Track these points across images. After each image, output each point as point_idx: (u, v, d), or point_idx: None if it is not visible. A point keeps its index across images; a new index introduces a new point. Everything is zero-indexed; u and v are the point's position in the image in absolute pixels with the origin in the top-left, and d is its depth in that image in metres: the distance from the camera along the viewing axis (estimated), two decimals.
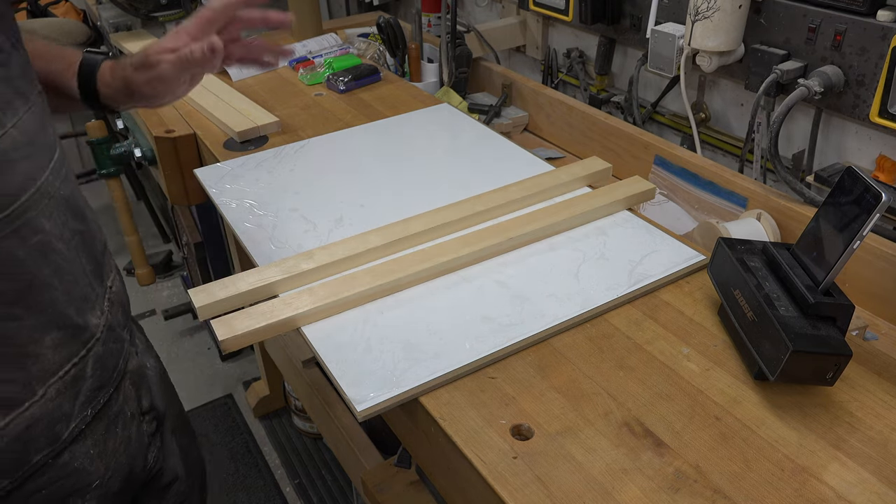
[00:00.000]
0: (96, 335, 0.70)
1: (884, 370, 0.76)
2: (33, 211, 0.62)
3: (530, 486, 0.64)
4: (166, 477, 0.85)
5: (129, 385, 0.77)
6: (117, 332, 0.75)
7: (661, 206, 1.30)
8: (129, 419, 0.76)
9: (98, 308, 0.71)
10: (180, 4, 1.91)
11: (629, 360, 0.78)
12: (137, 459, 0.78)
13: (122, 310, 0.78)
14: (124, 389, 0.76)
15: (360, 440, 1.44)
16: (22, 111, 0.62)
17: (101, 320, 0.71)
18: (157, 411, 0.83)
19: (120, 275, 0.80)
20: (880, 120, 1.06)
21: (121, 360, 0.75)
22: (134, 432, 0.77)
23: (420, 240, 0.95)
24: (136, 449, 0.78)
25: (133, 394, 0.78)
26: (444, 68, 1.61)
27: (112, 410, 0.73)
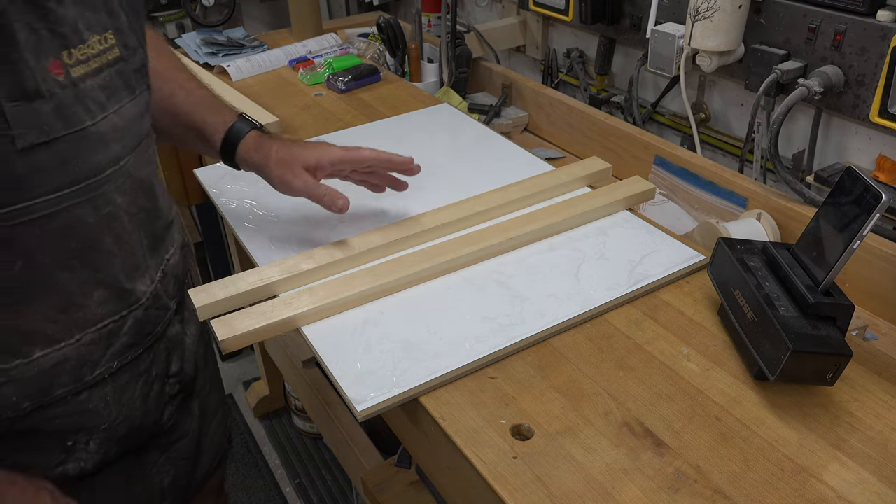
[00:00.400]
0: (141, 300, 0.78)
1: (884, 370, 0.76)
2: (111, 185, 0.71)
3: (530, 486, 0.64)
4: (176, 434, 0.91)
5: (163, 349, 0.84)
6: (164, 300, 0.83)
7: (661, 206, 1.30)
8: (153, 378, 0.83)
9: (148, 277, 0.79)
10: (180, 4, 1.92)
11: (629, 360, 0.78)
12: (151, 415, 0.84)
13: (175, 281, 0.86)
14: (157, 352, 0.83)
15: (360, 440, 1.44)
16: (126, 100, 0.71)
17: (148, 288, 0.79)
18: (183, 375, 0.89)
19: (184, 249, 0.90)
20: (880, 120, 1.06)
21: (159, 326, 0.82)
22: (155, 391, 0.84)
23: (420, 240, 0.95)
24: (154, 405, 0.84)
25: (164, 357, 0.84)
26: (444, 68, 1.61)
27: (139, 368, 0.80)
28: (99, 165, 0.69)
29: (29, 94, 0.61)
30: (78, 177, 0.67)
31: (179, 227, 0.90)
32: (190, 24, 2.14)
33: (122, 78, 0.70)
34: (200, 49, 1.65)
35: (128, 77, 0.71)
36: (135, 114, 0.73)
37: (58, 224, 0.67)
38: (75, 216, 0.68)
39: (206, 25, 2.08)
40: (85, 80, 0.65)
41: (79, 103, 0.65)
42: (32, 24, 0.61)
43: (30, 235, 0.65)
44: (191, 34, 1.73)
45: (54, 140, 0.63)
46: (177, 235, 0.88)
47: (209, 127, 0.91)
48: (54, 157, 0.64)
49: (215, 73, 1.57)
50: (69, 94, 0.64)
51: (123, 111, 0.71)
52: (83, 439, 0.77)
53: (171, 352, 0.86)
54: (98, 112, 0.67)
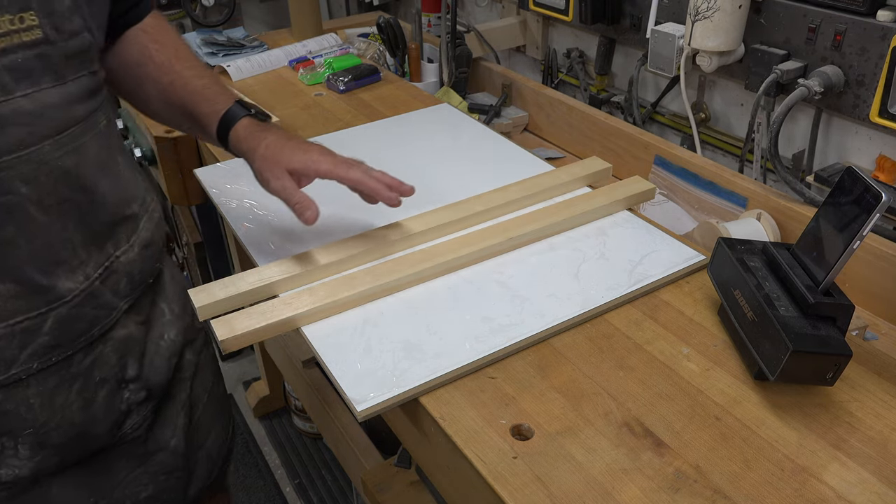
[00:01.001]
0: (65, 298, 0.73)
1: (884, 370, 0.76)
2: (11, 172, 0.66)
3: (530, 486, 0.64)
4: (150, 445, 0.87)
5: (110, 352, 0.80)
6: (105, 299, 0.78)
7: (661, 206, 1.30)
8: (96, 383, 0.79)
9: (80, 273, 0.74)
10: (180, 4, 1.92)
11: (629, 360, 0.78)
12: (101, 423, 0.80)
13: (129, 280, 0.81)
14: (99, 355, 0.78)
15: (360, 440, 1.44)
16: (46, 85, 0.67)
17: (79, 285, 0.74)
18: (147, 381, 0.85)
19: (149, 249, 0.84)
20: (880, 120, 1.06)
21: (97, 327, 0.77)
22: (102, 396, 0.79)
23: (420, 240, 0.95)
24: (101, 413, 0.80)
25: (114, 360, 0.80)
26: (444, 68, 1.61)
27: (71, 370, 0.76)
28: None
29: None
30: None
31: (152, 225, 0.86)
32: (190, 24, 2.14)
33: (42, 61, 0.66)
34: (200, 49, 1.65)
35: (53, 61, 0.67)
36: (58, 100, 0.68)
37: None
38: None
39: (206, 25, 2.08)
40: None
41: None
42: None
43: None
44: (191, 34, 1.73)
45: None
46: (142, 233, 0.83)
47: (204, 118, 0.88)
48: None
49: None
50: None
51: (39, 96, 0.66)
52: (9, 443, 0.74)
53: (124, 355, 0.81)
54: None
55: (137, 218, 0.83)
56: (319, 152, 0.86)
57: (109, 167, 0.78)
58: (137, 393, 0.84)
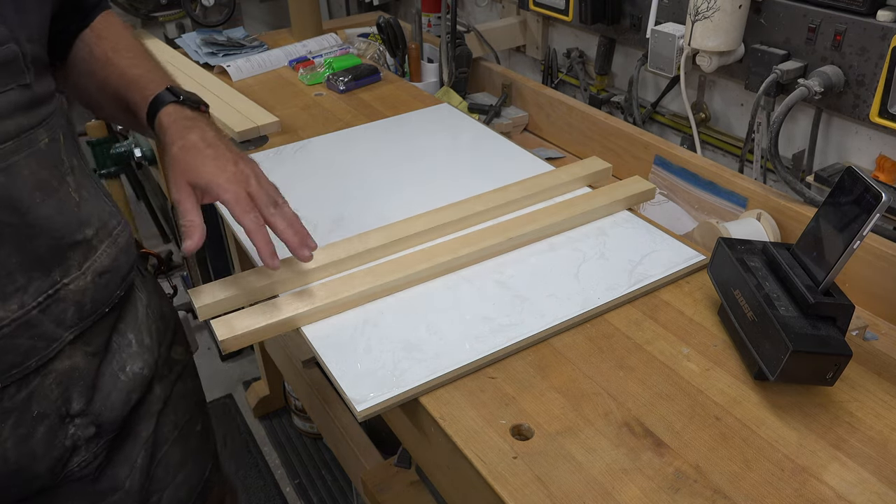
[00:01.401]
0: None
1: (884, 370, 0.76)
2: None
3: (530, 486, 0.64)
4: (102, 484, 0.81)
5: (51, 384, 0.73)
6: (44, 329, 0.71)
7: (661, 206, 1.30)
8: (33, 418, 0.72)
9: (14, 301, 0.68)
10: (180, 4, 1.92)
11: (629, 360, 0.78)
12: (40, 461, 0.74)
13: (78, 310, 0.74)
14: (37, 388, 0.72)
15: (360, 440, 1.44)
16: None
17: (10, 314, 0.68)
18: (97, 416, 0.78)
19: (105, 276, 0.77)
20: (880, 120, 1.06)
21: (33, 359, 0.71)
22: (41, 432, 0.73)
23: (420, 240, 0.95)
24: (42, 449, 0.74)
25: (55, 394, 0.74)
26: (444, 68, 1.61)
27: (2, 405, 0.70)
28: None
29: None
30: None
31: (115, 251, 0.78)
32: (190, 24, 2.14)
33: None
34: (200, 49, 1.65)
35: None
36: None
37: None
38: None
39: (206, 25, 2.08)
40: None
41: None
42: None
43: None
44: (191, 34, 1.73)
45: None
46: (100, 259, 0.76)
47: (135, 105, 0.82)
48: None
49: (215, 73, 1.57)
50: None
51: None
52: None
53: (68, 388, 0.74)
54: None
55: (92, 244, 0.75)
56: (231, 176, 0.77)
57: (53, 189, 0.71)
58: (85, 429, 0.77)
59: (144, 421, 0.85)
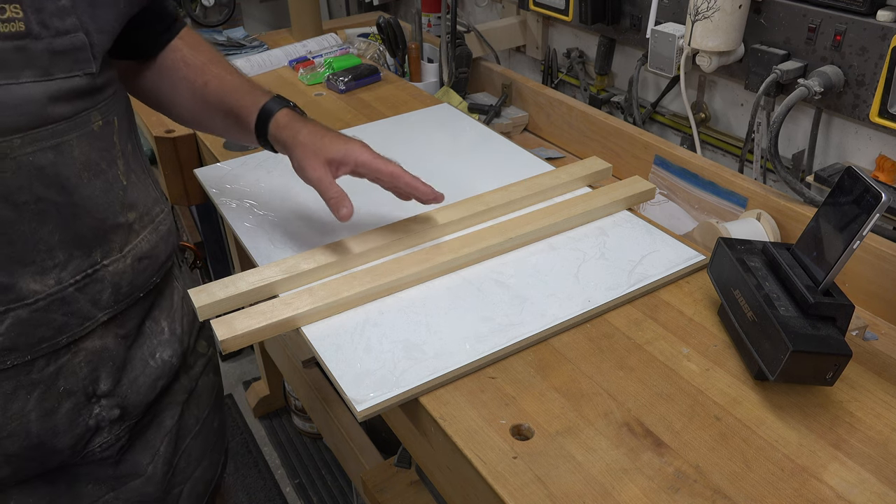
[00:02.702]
0: (28, 299, 0.70)
1: (884, 370, 0.76)
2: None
3: (530, 486, 0.64)
4: (123, 468, 0.83)
5: (81, 362, 0.76)
6: (79, 307, 0.74)
7: (661, 206, 1.30)
8: (59, 393, 0.75)
9: (51, 276, 0.71)
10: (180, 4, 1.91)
11: (629, 360, 0.78)
12: (62, 436, 0.76)
13: (114, 291, 0.77)
14: (68, 365, 0.75)
15: (360, 440, 1.44)
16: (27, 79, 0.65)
17: (48, 289, 0.71)
18: (123, 399, 0.80)
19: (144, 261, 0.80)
20: (880, 120, 1.06)
21: (64, 335, 0.73)
22: (66, 408, 0.75)
23: (420, 240, 0.95)
24: (64, 425, 0.76)
25: (84, 372, 0.76)
26: (444, 68, 1.61)
27: (29, 377, 0.72)
28: None
29: None
30: None
31: (156, 238, 0.82)
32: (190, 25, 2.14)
33: (22, 54, 0.64)
34: None
35: (35, 55, 0.65)
36: (37, 96, 0.66)
37: None
38: None
39: (206, 25, 2.08)
40: None
41: None
42: None
43: None
44: None
45: None
46: (141, 244, 0.80)
47: (243, 110, 0.88)
48: None
49: None
50: None
51: (15, 89, 0.64)
52: None
53: (97, 368, 0.77)
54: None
55: (134, 228, 0.79)
56: (360, 145, 0.87)
57: (102, 171, 0.74)
58: (110, 410, 0.79)
59: (169, 410, 0.88)
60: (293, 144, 0.85)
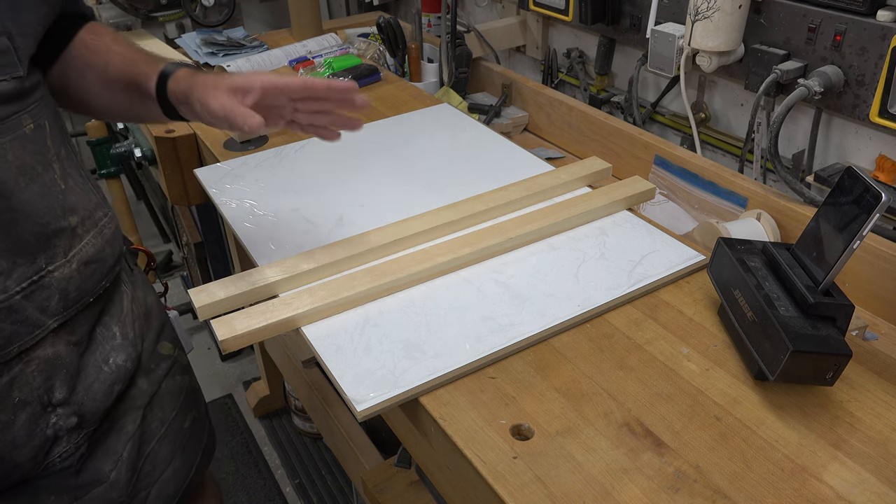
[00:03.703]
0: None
1: (884, 370, 0.76)
2: None
3: (530, 486, 0.64)
4: (85, 477, 0.81)
5: (34, 371, 0.74)
6: (27, 315, 0.72)
7: (661, 206, 1.30)
8: (15, 404, 0.73)
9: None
10: (180, 4, 1.91)
11: (629, 360, 0.78)
12: (22, 449, 0.75)
13: (62, 298, 0.75)
14: (19, 374, 0.73)
15: (360, 440, 1.44)
16: None
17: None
18: (77, 406, 0.79)
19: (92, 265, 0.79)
20: (880, 120, 1.06)
21: (15, 344, 0.72)
22: (23, 420, 0.74)
23: (420, 240, 0.95)
24: (23, 437, 0.74)
25: (38, 381, 0.75)
26: (444, 68, 1.61)
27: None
28: None
29: None
30: None
31: (100, 242, 0.80)
32: (190, 24, 2.13)
33: None
34: (200, 49, 1.65)
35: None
36: None
37: None
38: None
39: (206, 25, 2.08)
40: None
41: None
42: None
43: None
44: (191, 34, 1.73)
45: None
46: (86, 248, 0.78)
47: (142, 77, 0.83)
48: None
49: (215, 74, 1.57)
50: None
51: None
52: None
53: (51, 376, 0.75)
54: None
55: (77, 232, 0.77)
56: (262, 73, 0.82)
57: (38, 175, 0.73)
58: (67, 419, 0.78)
59: (129, 415, 0.86)
60: (191, 86, 0.79)
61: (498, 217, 1.00)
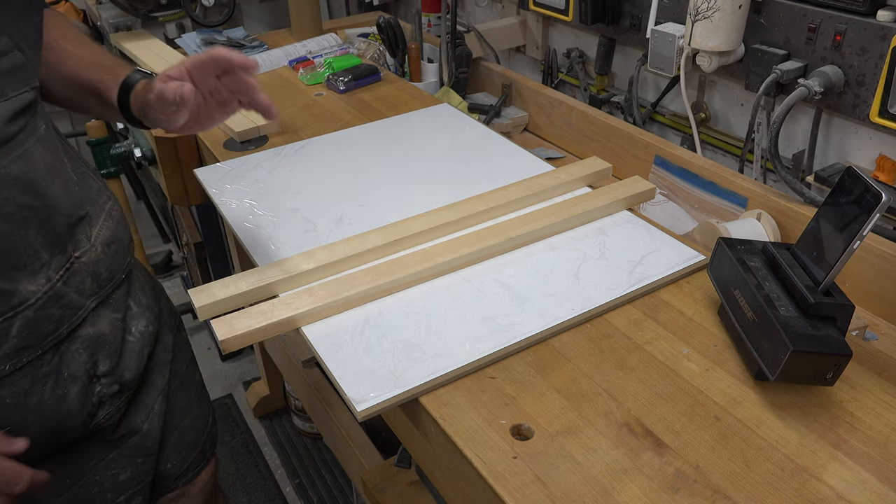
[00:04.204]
0: (29, 300, 0.75)
1: (884, 370, 0.76)
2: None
3: (530, 486, 0.64)
4: (122, 430, 0.91)
5: (80, 349, 0.82)
6: (69, 299, 0.80)
7: (661, 206, 1.30)
8: (65, 380, 0.81)
9: (42, 276, 0.77)
10: (180, 4, 1.91)
11: (629, 360, 0.78)
12: (75, 417, 0.83)
13: (95, 279, 0.83)
14: (67, 353, 0.81)
15: (360, 440, 1.44)
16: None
17: (41, 288, 0.76)
18: (119, 375, 0.88)
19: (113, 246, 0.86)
20: (880, 120, 1.06)
21: (64, 326, 0.79)
22: (75, 392, 0.82)
23: (420, 240, 0.95)
24: (76, 407, 0.83)
25: (84, 358, 0.83)
26: (444, 68, 1.61)
27: (42, 370, 0.78)
28: None
29: None
30: None
31: (112, 223, 0.87)
32: (190, 24, 2.13)
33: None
34: (200, 49, 1.65)
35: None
36: (2, 116, 0.71)
37: None
38: None
39: (206, 25, 2.07)
40: None
41: None
42: None
43: None
44: (191, 34, 1.73)
45: None
46: (103, 232, 0.85)
47: (102, 85, 0.86)
48: None
49: None
50: None
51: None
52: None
53: (95, 352, 0.84)
54: None
55: (92, 218, 0.84)
56: None
57: (58, 171, 0.80)
58: (110, 387, 0.87)
59: (158, 370, 0.96)
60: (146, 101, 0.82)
61: (498, 217, 1.00)
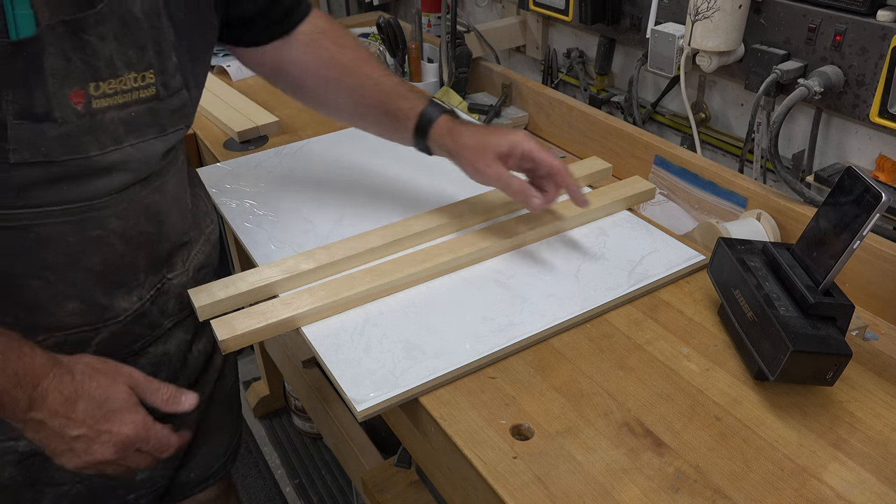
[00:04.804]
0: (119, 317, 0.78)
1: (884, 370, 0.76)
2: (106, 210, 0.72)
3: (530, 486, 0.64)
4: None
5: (145, 364, 0.84)
6: (153, 318, 0.83)
7: (661, 206, 1.30)
8: None
9: (135, 294, 0.79)
10: None
11: (629, 360, 0.78)
12: None
13: (178, 301, 0.86)
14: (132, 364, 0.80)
15: (360, 440, 1.44)
16: (151, 137, 0.71)
17: (132, 305, 0.79)
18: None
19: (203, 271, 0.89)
20: (880, 120, 1.06)
21: (139, 342, 0.82)
22: None
23: (420, 240, 0.95)
24: None
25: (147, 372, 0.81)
26: (444, 68, 1.61)
27: None
28: (96, 192, 0.70)
29: (37, 116, 0.62)
30: (69, 198, 0.68)
31: (208, 248, 0.90)
32: None
33: (151, 115, 0.70)
34: None
35: (160, 115, 0.71)
36: (159, 150, 0.74)
37: (34, 236, 0.68)
38: (55, 232, 0.69)
39: None
40: (106, 113, 0.66)
41: (90, 134, 0.66)
42: (67, 53, 0.62)
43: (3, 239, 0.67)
44: None
45: (51, 163, 0.64)
46: (197, 256, 0.88)
47: (400, 113, 0.91)
48: (47, 177, 0.65)
49: (215, 73, 1.57)
50: (84, 123, 0.65)
51: (145, 146, 0.71)
52: None
53: (157, 369, 0.85)
54: (110, 144, 0.67)
55: (192, 243, 0.87)
56: (523, 134, 0.88)
57: (181, 200, 0.83)
58: None
59: (202, 388, 0.96)
60: (458, 149, 0.87)
61: (498, 217, 1.00)
